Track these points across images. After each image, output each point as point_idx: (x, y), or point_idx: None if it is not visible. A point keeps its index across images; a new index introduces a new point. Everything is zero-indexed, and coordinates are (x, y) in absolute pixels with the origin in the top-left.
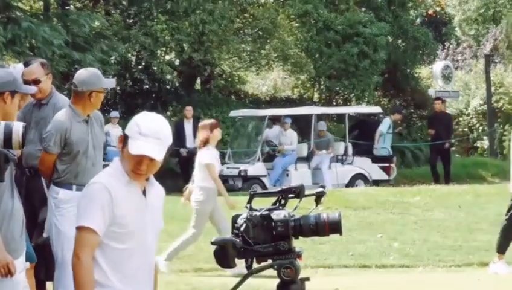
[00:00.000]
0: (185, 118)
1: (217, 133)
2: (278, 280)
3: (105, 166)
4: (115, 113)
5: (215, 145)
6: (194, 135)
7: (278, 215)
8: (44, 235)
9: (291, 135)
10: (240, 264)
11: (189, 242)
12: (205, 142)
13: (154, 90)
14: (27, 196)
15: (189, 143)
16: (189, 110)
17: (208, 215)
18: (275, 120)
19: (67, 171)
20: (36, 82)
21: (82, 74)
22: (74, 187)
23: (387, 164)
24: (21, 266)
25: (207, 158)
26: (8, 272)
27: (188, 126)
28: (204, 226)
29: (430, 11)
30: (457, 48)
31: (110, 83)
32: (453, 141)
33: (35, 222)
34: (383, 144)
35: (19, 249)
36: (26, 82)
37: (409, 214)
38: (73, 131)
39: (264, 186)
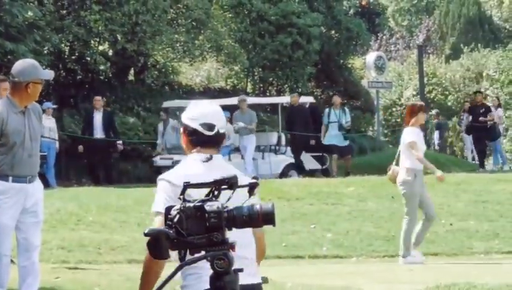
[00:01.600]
0: (95, 108)
1: (422, 116)
2: (211, 271)
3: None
4: (48, 104)
5: (418, 126)
6: (104, 126)
7: (211, 206)
8: None
9: (228, 128)
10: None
11: (410, 231)
12: (412, 123)
13: (88, 80)
14: None
15: (99, 133)
16: (97, 100)
17: (418, 197)
18: None
19: (4, 163)
20: None
21: (19, 64)
22: (10, 179)
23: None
24: None
25: (411, 136)
26: None
27: (98, 116)
28: (417, 209)
29: (364, 2)
30: (390, 38)
31: (48, 74)
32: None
33: None
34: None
35: None
36: None
37: (342, 204)
38: (9, 122)
39: None
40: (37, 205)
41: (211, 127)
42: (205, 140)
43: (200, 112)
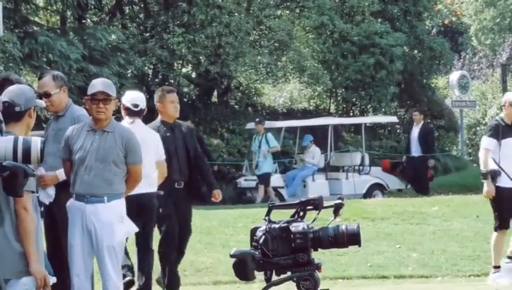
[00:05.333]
0: None
1: None
2: None
3: None
4: None
5: None
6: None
7: (296, 227)
8: None
9: (314, 151)
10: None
11: None
12: None
13: None
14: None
15: None
16: None
17: None
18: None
19: (71, 180)
20: (47, 95)
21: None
22: (74, 196)
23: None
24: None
25: None
26: (45, 285)
27: None
28: None
29: (446, 21)
30: (473, 57)
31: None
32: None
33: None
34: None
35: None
36: (39, 95)
37: (426, 224)
38: (74, 140)
39: (282, 198)
40: (100, 230)
41: (136, 105)
42: (132, 112)
43: (131, 97)
